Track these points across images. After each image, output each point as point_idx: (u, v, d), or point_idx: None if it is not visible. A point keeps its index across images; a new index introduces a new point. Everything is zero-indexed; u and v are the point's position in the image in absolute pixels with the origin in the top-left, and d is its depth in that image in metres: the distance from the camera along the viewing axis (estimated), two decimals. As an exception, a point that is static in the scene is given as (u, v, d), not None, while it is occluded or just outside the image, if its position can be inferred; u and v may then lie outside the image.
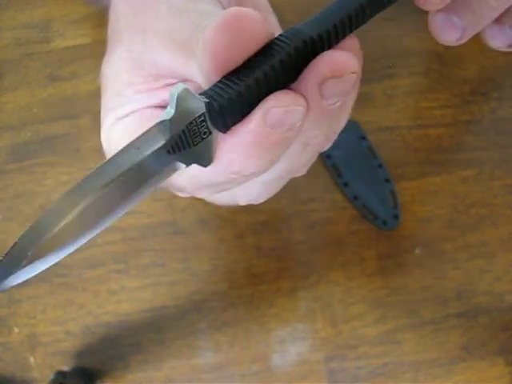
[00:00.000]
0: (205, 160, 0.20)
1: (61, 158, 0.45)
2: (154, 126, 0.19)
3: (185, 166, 0.20)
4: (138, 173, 0.20)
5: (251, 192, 0.24)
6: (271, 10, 0.29)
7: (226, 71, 0.19)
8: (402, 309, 0.40)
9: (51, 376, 0.38)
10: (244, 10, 0.18)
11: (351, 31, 0.21)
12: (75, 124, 0.46)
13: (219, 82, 0.19)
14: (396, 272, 0.41)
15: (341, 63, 0.20)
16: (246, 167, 0.20)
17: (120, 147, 0.21)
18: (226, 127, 0.19)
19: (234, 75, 0.19)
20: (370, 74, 0.46)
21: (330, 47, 0.21)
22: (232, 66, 0.19)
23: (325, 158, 0.43)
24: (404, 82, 0.46)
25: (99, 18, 0.48)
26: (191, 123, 0.19)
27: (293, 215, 0.42)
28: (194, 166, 0.20)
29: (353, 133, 0.44)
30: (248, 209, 0.43)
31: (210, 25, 0.18)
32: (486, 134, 0.44)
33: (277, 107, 0.19)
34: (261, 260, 0.41)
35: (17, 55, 0.49)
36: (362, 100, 0.46)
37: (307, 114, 0.20)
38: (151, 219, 0.43)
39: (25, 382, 0.40)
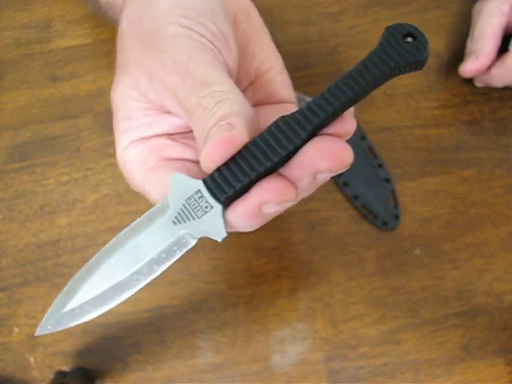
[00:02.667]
0: (215, 232, 0.24)
1: (61, 157, 0.45)
2: (159, 204, 0.24)
3: (195, 239, 0.24)
4: (146, 243, 0.24)
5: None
6: (264, 26, 0.30)
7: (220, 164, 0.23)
8: (401, 309, 0.40)
9: (51, 376, 0.38)
10: (231, 134, 0.22)
11: (345, 109, 0.23)
12: (75, 124, 0.46)
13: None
14: (396, 272, 0.41)
15: (338, 158, 0.22)
16: (244, 228, 0.24)
17: (133, 170, 0.27)
18: (221, 201, 0.23)
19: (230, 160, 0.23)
20: (369, 74, 0.46)
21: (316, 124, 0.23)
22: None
23: (325, 158, 0.43)
24: (404, 82, 0.46)
25: (99, 18, 0.48)
26: (189, 198, 0.23)
27: (293, 215, 0.42)
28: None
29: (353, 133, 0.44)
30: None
31: (207, 143, 0.22)
32: (486, 134, 0.44)
33: (272, 202, 0.22)
34: (261, 260, 0.41)
35: (17, 55, 0.49)
36: (362, 100, 0.46)
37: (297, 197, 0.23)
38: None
39: (25, 382, 0.40)
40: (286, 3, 0.49)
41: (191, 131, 0.26)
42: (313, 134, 0.23)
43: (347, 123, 0.23)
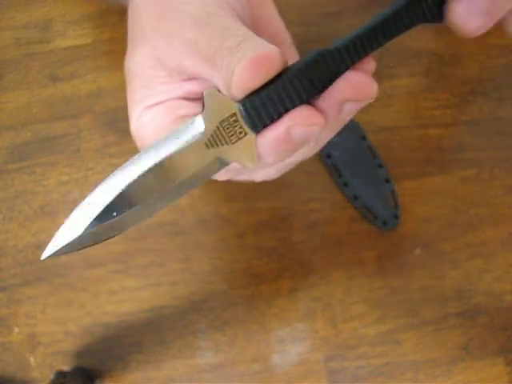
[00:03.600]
0: (247, 160, 0.23)
1: (61, 158, 0.45)
2: (190, 120, 0.23)
3: (226, 163, 0.23)
4: (178, 163, 0.23)
5: (267, 173, 0.28)
6: (283, 25, 0.31)
7: (249, 93, 0.22)
8: (401, 309, 0.40)
9: (51, 376, 0.38)
10: (265, 51, 0.21)
11: (369, 50, 0.24)
12: (75, 124, 0.46)
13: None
14: (396, 272, 0.41)
15: (363, 89, 0.23)
16: (268, 161, 0.24)
17: (148, 134, 0.26)
18: (257, 129, 0.22)
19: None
20: (369, 74, 0.46)
21: (349, 63, 0.23)
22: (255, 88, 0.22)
23: (325, 158, 0.43)
24: (404, 82, 0.46)
25: (99, 18, 0.48)
26: (224, 121, 0.22)
27: (293, 215, 0.42)
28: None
29: (353, 133, 0.44)
30: (248, 209, 0.43)
31: (239, 61, 0.21)
32: (486, 134, 0.44)
33: (301, 124, 0.22)
34: (261, 260, 0.41)
35: (17, 55, 0.49)
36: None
37: (324, 126, 0.23)
38: (151, 219, 0.43)
39: (25, 382, 0.40)
40: (286, 3, 0.49)
41: None
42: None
43: (369, 64, 0.24)
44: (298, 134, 0.22)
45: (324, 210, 0.42)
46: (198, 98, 0.26)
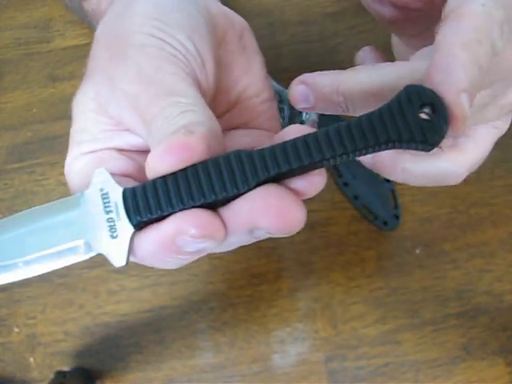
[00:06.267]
0: (116, 256, 0.20)
1: (61, 158, 0.45)
2: (71, 197, 0.21)
3: (90, 253, 0.20)
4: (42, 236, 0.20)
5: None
6: (258, 49, 0.28)
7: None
8: (402, 309, 0.40)
9: (51, 376, 0.38)
10: (188, 139, 0.19)
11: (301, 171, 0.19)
12: (75, 124, 0.46)
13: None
14: (396, 272, 0.41)
15: (282, 216, 0.19)
16: (153, 262, 0.21)
17: (74, 184, 0.24)
18: (139, 224, 0.19)
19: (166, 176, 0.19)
20: (370, 73, 0.46)
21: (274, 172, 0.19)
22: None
23: (325, 158, 0.43)
24: (404, 82, 0.46)
25: (99, 18, 0.48)
26: (104, 204, 0.20)
27: (293, 215, 0.42)
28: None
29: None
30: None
31: (158, 145, 0.19)
32: (486, 134, 0.44)
33: (187, 235, 0.18)
34: (261, 260, 0.41)
35: (17, 55, 0.49)
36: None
37: (224, 239, 0.19)
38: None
39: (25, 382, 0.40)
40: (286, 3, 0.49)
41: (146, 151, 0.23)
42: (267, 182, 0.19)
43: (316, 182, 0.20)
44: (185, 244, 0.19)
45: (324, 210, 0.42)
46: (136, 151, 0.24)
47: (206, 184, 0.19)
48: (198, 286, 0.41)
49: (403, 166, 0.24)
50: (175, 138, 0.19)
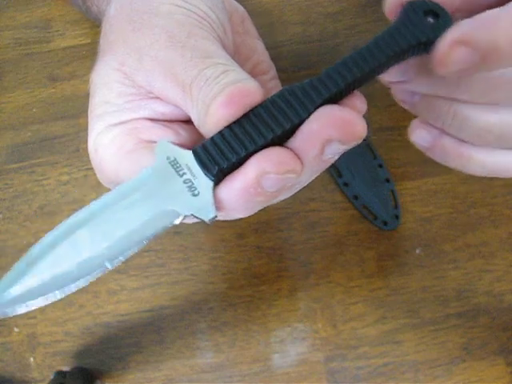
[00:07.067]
0: (204, 213, 0.20)
1: (60, 157, 0.45)
2: (138, 175, 0.21)
3: (179, 217, 0.20)
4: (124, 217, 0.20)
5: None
6: (258, 35, 0.29)
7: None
8: (402, 309, 0.40)
9: (51, 376, 0.38)
10: (246, 86, 0.20)
11: (350, 82, 0.21)
12: (75, 124, 0.46)
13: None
14: (396, 272, 0.41)
15: (349, 127, 0.19)
16: (238, 210, 0.21)
17: (106, 156, 0.23)
18: (217, 176, 0.20)
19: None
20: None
21: (327, 97, 0.20)
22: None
23: (325, 158, 0.43)
24: (404, 82, 0.46)
25: (99, 18, 0.48)
26: (177, 170, 0.20)
27: (293, 215, 0.42)
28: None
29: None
30: (248, 209, 0.43)
31: (217, 96, 0.20)
32: (486, 133, 0.44)
33: (273, 173, 0.19)
34: (261, 260, 0.41)
35: (17, 55, 0.49)
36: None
37: (302, 171, 0.20)
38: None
39: (25, 382, 0.40)
40: (286, 3, 0.49)
41: (177, 120, 0.24)
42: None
43: (357, 100, 0.21)
44: (270, 184, 0.19)
45: (324, 210, 0.42)
46: (165, 120, 0.24)
47: (271, 119, 0.20)
48: (197, 285, 0.41)
49: (469, 154, 0.24)
50: (235, 88, 0.20)
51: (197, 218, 0.20)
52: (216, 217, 0.20)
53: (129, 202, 0.20)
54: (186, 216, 0.20)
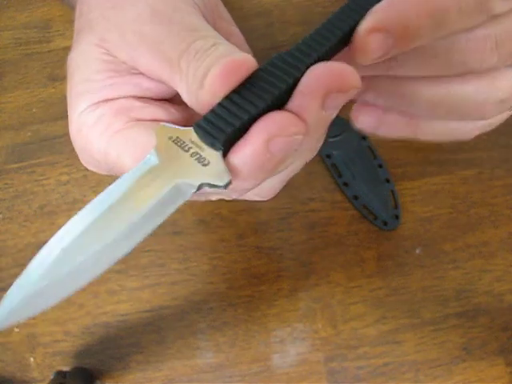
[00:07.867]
0: (218, 179, 0.20)
1: (61, 157, 0.45)
2: (138, 165, 0.20)
3: (194, 187, 0.20)
4: (136, 196, 0.20)
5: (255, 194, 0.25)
6: (233, 21, 0.29)
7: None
8: (402, 309, 0.40)
9: (51, 376, 0.38)
10: (241, 56, 0.20)
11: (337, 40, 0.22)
12: (75, 124, 0.46)
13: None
14: (396, 272, 0.41)
15: (346, 76, 0.19)
16: (245, 185, 0.21)
17: (92, 137, 0.23)
18: (224, 145, 0.20)
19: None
20: (370, 73, 0.46)
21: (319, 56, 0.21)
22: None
23: (325, 157, 0.43)
24: (404, 82, 0.46)
25: (99, 18, 0.48)
26: (182, 149, 0.20)
27: (293, 215, 0.42)
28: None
29: (353, 133, 0.44)
30: (248, 209, 0.43)
31: (213, 67, 0.20)
32: (486, 133, 0.44)
33: (280, 136, 0.19)
34: (261, 260, 0.41)
35: (17, 55, 0.49)
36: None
37: (306, 131, 0.20)
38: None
39: (25, 382, 0.40)
40: (286, 3, 0.49)
41: (163, 98, 0.23)
42: None
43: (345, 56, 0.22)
44: (278, 147, 0.19)
45: (324, 210, 0.42)
46: (151, 97, 0.24)
47: (267, 83, 0.20)
48: (198, 285, 0.41)
49: (413, 90, 0.23)
50: (231, 59, 0.20)
51: (211, 186, 0.20)
52: (230, 182, 0.20)
53: (140, 185, 0.20)
54: (200, 186, 0.20)
